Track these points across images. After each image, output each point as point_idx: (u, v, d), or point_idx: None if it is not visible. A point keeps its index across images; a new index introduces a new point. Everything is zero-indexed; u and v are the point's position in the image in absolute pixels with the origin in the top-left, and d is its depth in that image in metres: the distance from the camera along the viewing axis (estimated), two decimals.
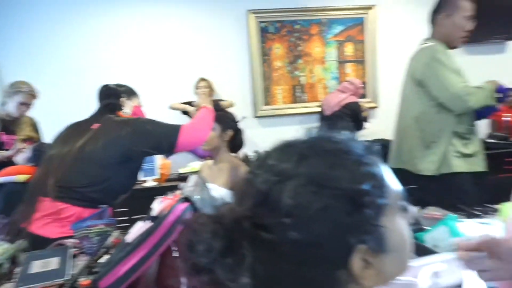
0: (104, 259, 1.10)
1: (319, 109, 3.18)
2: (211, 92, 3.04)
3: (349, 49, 3.44)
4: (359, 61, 3.46)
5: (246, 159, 2.35)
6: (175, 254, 0.91)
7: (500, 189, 1.33)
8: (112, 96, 1.63)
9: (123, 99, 1.65)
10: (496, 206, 1.28)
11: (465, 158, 1.72)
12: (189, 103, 2.91)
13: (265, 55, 3.33)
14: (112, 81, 1.75)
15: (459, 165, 1.71)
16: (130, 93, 1.72)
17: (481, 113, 1.74)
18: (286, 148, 0.46)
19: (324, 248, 0.41)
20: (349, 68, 3.46)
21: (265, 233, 0.41)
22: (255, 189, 0.43)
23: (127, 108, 1.66)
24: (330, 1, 3.36)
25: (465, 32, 1.80)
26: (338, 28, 3.40)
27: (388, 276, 0.46)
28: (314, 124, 3.22)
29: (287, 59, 3.37)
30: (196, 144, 1.62)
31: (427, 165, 1.77)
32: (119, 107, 1.62)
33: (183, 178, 2.39)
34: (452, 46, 1.83)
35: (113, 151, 1.43)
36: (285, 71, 3.37)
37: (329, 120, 3.01)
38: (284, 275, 0.42)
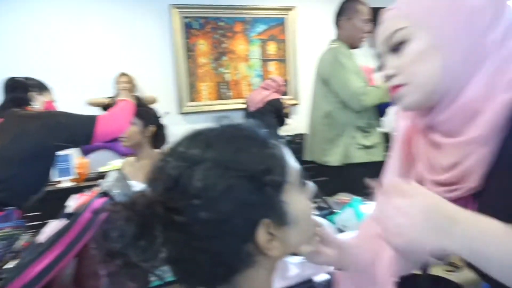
0: (12, 264, 1.03)
1: (244, 106, 3.26)
2: (133, 87, 2.94)
3: (272, 47, 3.57)
4: (281, 60, 3.61)
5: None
6: (94, 252, 0.88)
7: None
8: (18, 90, 1.50)
9: (32, 94, 1.53)
10: None
11: (365, 149, 1.92)
12: (110, 99, 2.77)
13: (190, 51, 3.31)
14: (21, 75, 1.61)
15: (360, 156, 1.90)
16: (41, 87, 1.60)
17: (381, 108, 1.95)
18: (195, 136, 0.50)
19: (232, 224, 0.45)
20: (272, 66, 3.59)
21: (176, 216, 0.44)
22: (166, 175, 0.46)
23: (38, 103, 1.55)
24: (254, 0, 3.45)
25: (364, 34, 2.00)
26: (261, 27, 3.51)
27: (293, 245, 0.51)
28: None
29: (212, 55, 3.38)
30: (114, 134, 1.57)
31: (333, 157, 1.94)
32: (27, 101, 1.50)
33: (103, 177, 2.27)
34: (354, 47, 2.02)
35: (19, 147, 1.32)
36: (209, 68, 3.39)
37: (253, 116, 3.10)
38: (195, 252, 0.45)
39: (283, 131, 3.15)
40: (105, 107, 2.79)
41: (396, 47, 0.60)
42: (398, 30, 0.59)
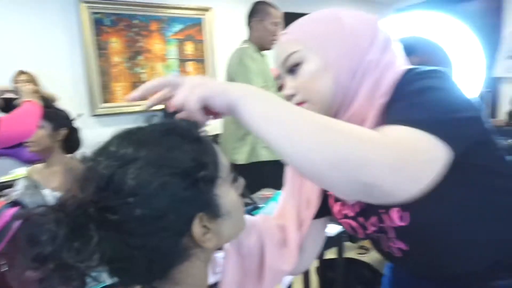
0: None
1: (162, 106, 3.17)
2: (35, 86, 2.67)
3: (189, 47, 3.54)
4: (200, 60, 3.61)
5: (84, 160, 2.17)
6: (4, 268, 0.80)
7: None
8: None
9: None
10: None
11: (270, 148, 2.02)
12: (10, 99, 2.48)
13: (102, 49, 3.12)
14: None
15: (265, 154, 2.00)
16: None
17: None
18: (126, 135, 0.50)
19: (167, 220, 0.46)
20: (190, 66, 3.56)
21: (110, 215, 0.44)
22: (98, 175, 0.46)
23: None
24: None
25: (275, 36, 2.11)
26: (177, 27, 3.46)
27: (227, 237, 0.54)
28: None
29: (126, 54, 3.23)
30: (18, 139, 1.42)
31: (241, 155, 2.01)
32: None
33: (6, 186, 2.04)
34: (265, 48, 2.12)
35: None
36: (124, 67, 3.23)
37: (173, 116, 3.05)
38: (132, 250, 0.45)
39: (205, 131, 3.15)
40: (3, 108, 2.49)
41: (292, 69, 0.67)
42: (292, 53, 0.65)
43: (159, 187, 0.45)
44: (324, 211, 0.78)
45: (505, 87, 3.82)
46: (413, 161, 0.48)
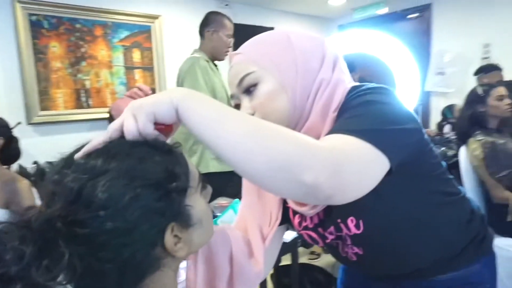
0: None
1: (108, 115, 3.04)
2: None
3: (136, 55, 3.45)
4: (148, 68, 3.52)
5: (23, 172, 2.01)
6: None
7: None
8: None
9: None
10: None
11: (219, 159, 2.01)
12: None
13: (40, 54, 2.92)
14: None
15: (214, 166, 2.00)
16: None
17: None
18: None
19: (139, 232, 0.45)
20: (138, 74, 3.46)
21: (80, 229, 0.42)
22: (66, 189, 0.44)
23: None
24: (115, 4, 3.28)
25: (228, 48, 2.14)
26: (124, 33, 3.35)
27: (197, 244, 0.54)
28: (103, 130, 3.06)
29: (68, 60, 3.06)
30: None
31: None
32: None
33: None
34: (217, 59, 2.13)
35: None
36: (66, 73, 3.05)
37: None
38: (104, 263, 0.44)
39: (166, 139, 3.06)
40: None
41: (249, 89, 0.69)
42: (248, 74, 0.67)
43: (131, 199, 0.44)
44: (283, 219, 0.80)
45: (435, 100, 4.20)
46: (350, 165, 0.51)
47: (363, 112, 0.59)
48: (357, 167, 0.52)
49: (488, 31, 3.76)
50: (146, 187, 0.46)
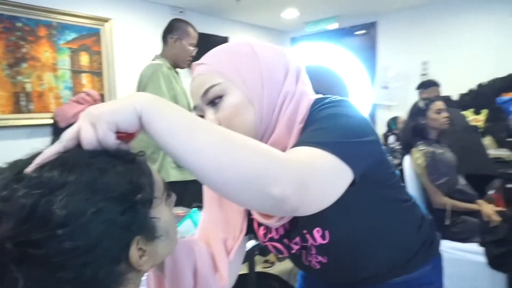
0: None
1: (51, 121, 2.85)
2: None
3: (85, 58, 3.28)
4: (97, 73, 3.36)
5: None
6: None
7: None
8: None
9: None
10: None
11: (179, 168, 1.97)
12: None
13: None
14: None
15: (174, 175, 1.96)
16: None
17: None
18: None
19: (102, 248, 0.42)
20: (85, 78, 3.29)
21: (33, 250, 0.39)
22: (16, 206, 0.39)
23: None
24: (61, 4, 3.10)
25: (190, 57, 2.12)
26: (71, 35, 3.18)
27: (162, 256, 0.52)
28: (45, 137, 2.86)
29: (6, 60, 2.83)
30: None
31: None
32: None
33: None
34: (179, 66, 2.10)
35: None
36: (3, 75, 2.82)
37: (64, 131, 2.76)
38: (63, 284, 0.40)
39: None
40: None
41: (214, 101, 0.67)
42: (213, 85, 0.65)
43: (93, 214, 0.41)
44: (247, 230, 0.79)
45: (380, 112, 4.46)
46: (316, 178, 0.51)
47: (328, 125, 0.60)
48: (323, 179, 0.53)
49: (427, 49, 4.08)
50: (109, 200, 0.43)
